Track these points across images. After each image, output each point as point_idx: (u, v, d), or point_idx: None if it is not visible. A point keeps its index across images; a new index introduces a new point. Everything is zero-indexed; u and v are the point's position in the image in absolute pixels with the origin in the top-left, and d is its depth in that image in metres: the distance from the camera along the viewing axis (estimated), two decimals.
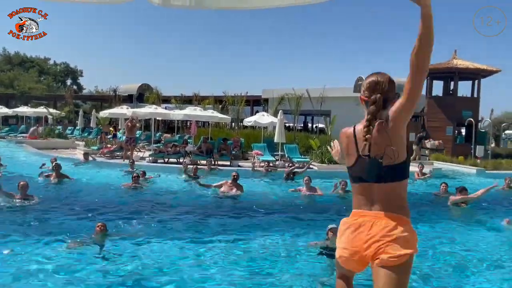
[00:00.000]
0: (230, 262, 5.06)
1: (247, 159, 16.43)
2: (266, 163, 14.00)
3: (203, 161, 14.14)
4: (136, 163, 13.34)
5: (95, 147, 17.16)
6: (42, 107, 31.80)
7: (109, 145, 17.27)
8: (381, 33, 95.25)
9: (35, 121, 30.99)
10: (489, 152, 19.33)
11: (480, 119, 21.83)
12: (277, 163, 14.90)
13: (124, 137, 16.72)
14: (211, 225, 6.95)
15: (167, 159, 15.10)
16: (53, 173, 10.32)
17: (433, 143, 20.22)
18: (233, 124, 27.13)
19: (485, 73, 21.44)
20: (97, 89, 58.70)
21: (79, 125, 28.32)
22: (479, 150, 18.64)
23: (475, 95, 21.87)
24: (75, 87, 57.10)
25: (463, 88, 23.03)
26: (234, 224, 7.12)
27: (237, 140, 17.36)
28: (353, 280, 2.51)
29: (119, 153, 15.74)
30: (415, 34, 1.99)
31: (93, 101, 48.58)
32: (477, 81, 21.77)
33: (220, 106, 28.64)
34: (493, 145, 24.28)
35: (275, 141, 16.06)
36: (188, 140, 17.81)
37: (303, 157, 15.95)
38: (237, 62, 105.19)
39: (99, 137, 20.06)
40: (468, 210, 8.51)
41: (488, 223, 7.69)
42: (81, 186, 10.20)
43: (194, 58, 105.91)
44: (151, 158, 15.12)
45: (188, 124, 28.66)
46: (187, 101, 30.73)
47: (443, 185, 10.16)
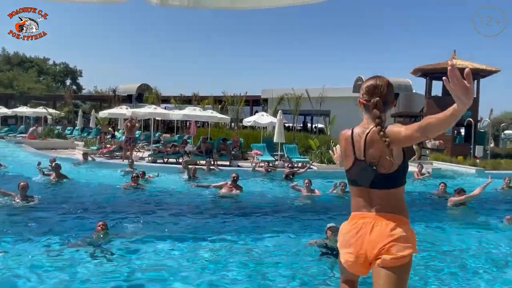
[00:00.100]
0: (229, 262, 5.06)
1: (247, 159, 16.43)
2: (266, 163, 14.02)
3: (202, 161, 14.15)
4: (135, 163, 13.34)
5: (95, 147, 17.17)
6: (41, 107, 31.80)
7: (108, 145, 17.28)
8: (381, 33, 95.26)
9: (34, 121, 30.95)
10: (488, 152, 19.36)
11: (479, 119, 21.83)
12: (276, 163, 14.90)
13: (123, 137, 16.73)
14: (211, 225, 6.96)
15: (166, 159, 15.10)
16: (52, 173, 10.32)
17: (433, 143, 20.20)
18: (233, 124, 27.16)
19: (484, 73, 21.44)
20: (96, 89, 58.81)
21: (78, 125, 28.29)
22: (478, 150, 18.66)
23: (474, 95, 21.68)
24: (74, 87, 57.11)
25: None
26: (233, 224, 7.11)
27: (237, 140, 17.36)
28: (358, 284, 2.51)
29: (118, 153, 15.75)
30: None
31: (92, 101, 48.63)
32: (476, 81, 21.78)
33: (219, 106, 28.70)
34: (492, 145, 24.27)
35: (275, 141, 16.07)
36: (187, 140, 17.81)
37: (302, 157, 15.96)
38: (236, 62, 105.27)
39: (98, 137, 20.08)
40: (468, 209, 8.51)
41: (488, 222, 7.70)
42: (80, 186, 10.19)
43: (193, 58, 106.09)
44: (150, 158, 15.12)
45: (187, 124, 28.69)
46: (186, 101, 30.78)
47: (442, 185, 10.17)
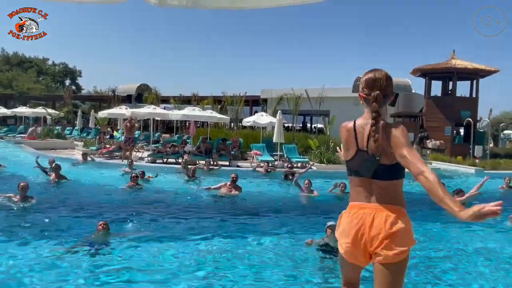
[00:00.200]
0: (229, 262, 5.06)
1: (246, 159, 16.43)
2: (266, 163, 14.02)
3: (202, 161, 14.16)
4: (135, 163, 13.33)
5: (94, 148, 17.17)
6: (40, 107, 31.78)
7: (107, 146, 17.28)
8: (381, 33, 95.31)
9: (33, 122, 30.90)
10: (487, 152, 19.37)
11: (478, 119, 21.83)
12: (276, 163, 14.91)
13: (123, 137, 16.72)
14: (211, 225, 6.95)
15: (166, 159, 15.10)
16: (52, 174, 10.31)
17: (434, 143, 20.20)
18: (232, 124, 27.14)
19: (484, 73, 21.45)
20: (95, 89, 58.77)
21: (77, 125, 28.28)
22: (478, 150, 18.66)
23: (474, 95, 21.89)
24: (73, 88, 57.08)
25: (462, 88, 23.01)
26: (233, 224, 7.11)
27: (236, 140, 17.36)
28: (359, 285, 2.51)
29: (117, 153, 15.74)
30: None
31: (91, 102, 48.61)
32: (475, 81, 21.79)
33: (219, 106, 28.66)
34: (491, 145, 24.29)
35: (274, 141, 16.07)
36: (187, 140, 17.81)
37: (302, 157, 15.97)
38: (236, 62, 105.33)
39: (97, 137, 20.07)
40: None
41: (488, 222, 7.68)
42: (80, 186, 10.17)
43: (193, 58, 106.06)
44: (150, 158, 15.12)
45: (187, 124, 28.67)
46: (186, 101, 30.75)
47: None
